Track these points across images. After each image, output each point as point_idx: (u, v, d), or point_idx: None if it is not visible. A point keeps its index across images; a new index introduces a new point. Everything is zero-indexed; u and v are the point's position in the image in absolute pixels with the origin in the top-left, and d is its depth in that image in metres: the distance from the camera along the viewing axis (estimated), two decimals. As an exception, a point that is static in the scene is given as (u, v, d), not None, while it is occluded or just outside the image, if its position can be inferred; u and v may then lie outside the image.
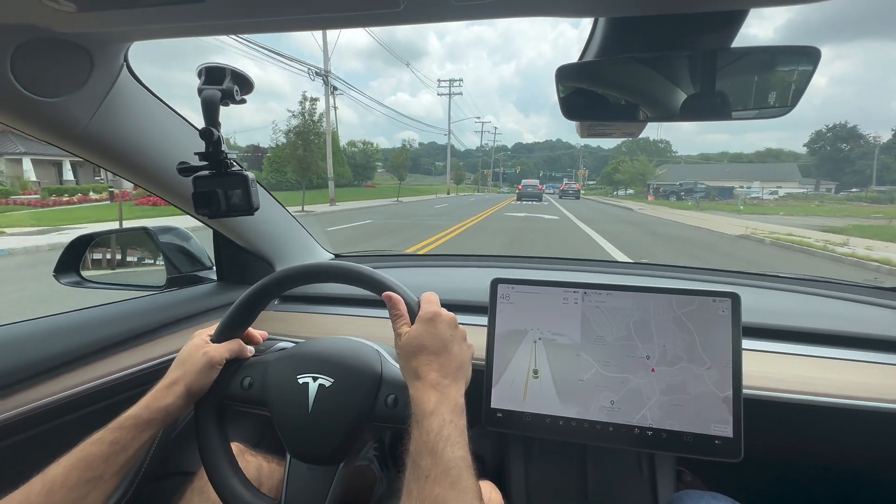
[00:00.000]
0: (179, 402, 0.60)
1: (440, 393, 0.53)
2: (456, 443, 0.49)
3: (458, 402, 0.54)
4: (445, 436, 0.49)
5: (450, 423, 0.50)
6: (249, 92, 0.64)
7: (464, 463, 0.48)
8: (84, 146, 0.71)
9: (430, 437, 0.49)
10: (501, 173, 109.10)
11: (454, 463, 0.47)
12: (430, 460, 0.47)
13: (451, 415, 0.51)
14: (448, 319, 0.59)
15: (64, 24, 0.54)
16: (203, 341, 0.66)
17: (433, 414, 0.51)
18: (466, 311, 0.96)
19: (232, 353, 0.67)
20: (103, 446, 0.53)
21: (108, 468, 0.53)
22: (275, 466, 0.79)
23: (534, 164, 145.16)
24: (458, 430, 0.50)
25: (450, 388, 0.54)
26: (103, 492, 0.53)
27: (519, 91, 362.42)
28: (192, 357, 0.63)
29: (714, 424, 0.69)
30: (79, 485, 0.50)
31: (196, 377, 0.62)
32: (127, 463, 0.55)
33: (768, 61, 0.58)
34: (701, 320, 0.71)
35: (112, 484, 0.54)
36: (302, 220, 1.25)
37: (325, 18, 0.53)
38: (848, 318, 0.93)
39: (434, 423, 0.50)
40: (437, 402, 0.52)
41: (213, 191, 0.65)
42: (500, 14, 0.51)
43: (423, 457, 0.48)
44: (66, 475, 0.50)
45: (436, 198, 34.58)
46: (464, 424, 0.52)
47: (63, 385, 0.74)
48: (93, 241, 1.07)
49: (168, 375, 0.62)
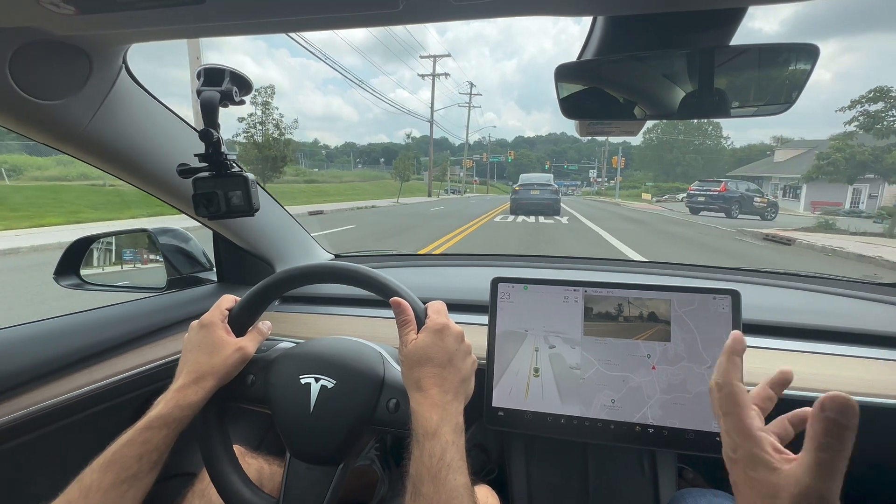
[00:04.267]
0: (207, 398, 0.60)
1: (442, 410, 0.53)
2: (458, 468, 0.49)
3: (459, 421, 0.54)
4: (448, 461, 0.49)
5: (452, 445, 0.50)
6: (248, 93, 0.64)
7: (466, 491, 0.48)
8: (83, 148, 0.71)
9: (432, 461, 0.49)
10: (485, 161, 67.80)
11: (457, 492, 0.47)
12: (433, 487, 0.47)
13: (453, 435, 0.51)
14: (455, 333, 0.59)
15: (63, 27, 0.54)
16: (225, 329, 0.64)
17: (435, 436, 0.50)
18: (467, 311, 0.96)
19: (258, 345, 0.67)
20: (135, 447, 0.53)
21: (142, 467, 0.53)
22: (275, 469, 0.79)
23: (536, 159, 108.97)
24: (459, 454, 0.50)
25: (451, 405, 0.54)
26: (140, 489, 0.53)
27: (520, 88, 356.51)
28: (223, 351, 0.62)
29: (715, 421, 0.69)
30: (115, 486, 0.50)
31: (228, 372, 0.61)
32: (159, 460, 0.55)
33: (767, 59, 0.58)
34: (701, 318, 0.71)
35: (147, 481, 0.54)
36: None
37: (323, 19, 0.53)
38: (848, 315, 0.93)
39: (437, 446, 0.50)
40: (438, 422, 0.51)
41: (213, 192, 0.65)
42: (499, 13, 0.51)
43: (425, 483, 0.48)
44: (101, 478, 0.50)
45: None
46: (463, 445, 0.52)
47: (65, 387, 0.74)
48: (93, 243, 1.07)
49: (192, 370, 0.60)
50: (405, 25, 0.58)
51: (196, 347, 0.62)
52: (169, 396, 0.58)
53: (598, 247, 7.67)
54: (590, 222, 12.13)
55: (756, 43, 0.53)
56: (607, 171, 59.99)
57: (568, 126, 0.75)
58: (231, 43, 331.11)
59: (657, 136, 64.69)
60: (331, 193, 25.27)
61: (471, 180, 67.94)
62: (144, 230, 1.12)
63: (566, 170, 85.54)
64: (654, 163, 65.45)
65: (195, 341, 0.63)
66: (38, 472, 0.72)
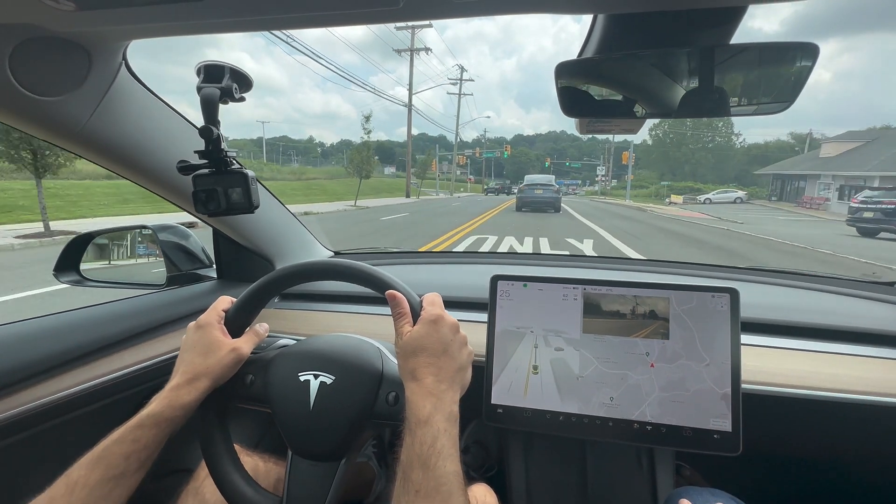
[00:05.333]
0: (201, 398, 0.60)
1: (436, 398, 0.53)
2: (449, 456, 0.49)
3: (453, 410, 0.54)
4: (438, 448, 0.49)
5: (444, 433, 0.50)
6: (248, 90, 0.63)
7: (456, 479, 0.48)
8: (83, 145, 0.71)
9: (423, 448, 0.49)
10: (478, 157, 56.72)
11: (446, 479, 0.47)
12: (422, 474, 0.47)
13: (446, 423, 0.51)
14: (450, 323, 0.59)
15: (63, 23, 0.54)
16: (221, 331, 0.64)
17: (427, 423, 0.50)
18: (467, 308, 0.96)
19: (254, 346, 0.67)
20: (124, 445, 0.53)
21: (129, 465, 0.53)
22: (271, 466, 0.79)
23: (535, 157, 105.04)
24: (451, 442, 0.50)
25: (445, 394, 0.54)
26: (126, 488, 0.53)
27: (520, 86, 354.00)
28: (218, 352, 0.61)
29: (713, 419, 0.69)
30: (101, 483, 0.50)
31: (223, 373, 0.61)
32: (148, 459, 0.55)
33: (767, 58, 0.58)
34: (700, 316, 0.71)
35: (134, 480, 0.54)
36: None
37: (323, 16, 0.53)
38: (846, 313, 0.93)
39: (428, 433, 0.50)
40: (431, 410, 0.52)
41: (213, 189, 0.65)
42: (499, 11, 0.51)
43: (415, 469, 0.48)
44: (88, 475, 0.50)
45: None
46: (457, 434, 0.52)
47: (64, 384, 0.74)
48: (92, 240, 1.07)
49: (187, 370, 0.60)
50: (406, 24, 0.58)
51: (191, 348, 0.62)
52: (162, 396, 0.58)
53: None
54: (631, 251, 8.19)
55: (756, 42, 0.54)
56: (614, 169, 54.85)
57: (568, 124, 0.75)
58: (229, 40, 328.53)
59: (663, 132, 60.75)
60: (276, 193, 23.47)
61: (465, 178, 64.58)
62: (144, 226, 1.12)
63: (568, 167, 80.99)
64: (660, 161, 61.64)
65: (191, 342, 0.63)
66: (37, 469, 0.72)
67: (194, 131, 0.82)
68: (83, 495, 0.49)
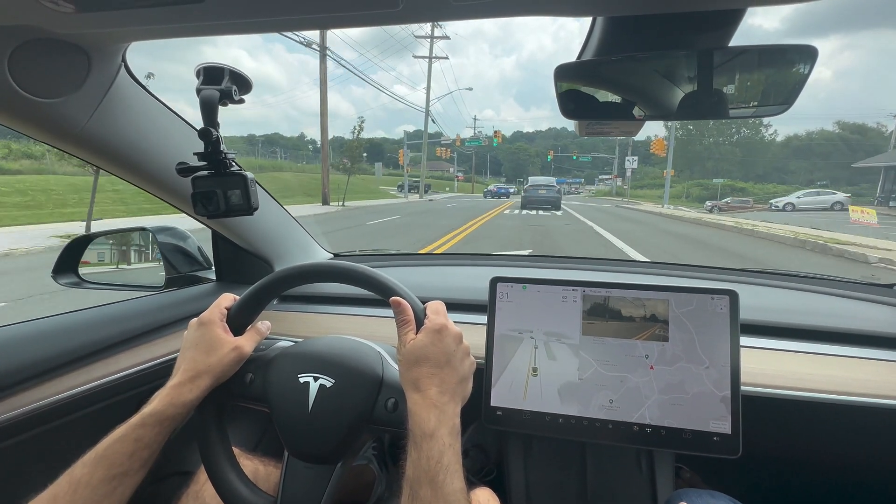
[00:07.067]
0: (203, 396, 0.59)
1: (439, 411, 0.53)
2: (455, 472, 0.49)
3: (455, 423, 0.54)
4: (445, 465, 0.49)
5: (449, 448, 0.51)
6: (248, 91, 0.63)
7: (462, 496, 0.49)
8: (82, 147, 0.71)
9: (430, 464, 0.49)
10: (458, 146, 41.47)
11: (454, 497, 0.48)
12: (431, 492, 0.48)
13: (451, 438, 0.52)
14: (454, 333, 0.59)
15: (62, 25, 0.54)
16: (223, 329, 0.64)
17: (433, 437, 0.51)
18: (466, 310, 0.96)
19: (256, 345, 0.66)
20: (127, 443, 0.53)
21: (132, 464, 0.53)
22: (271, 469, 0.79)
23: (535, 153, 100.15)
24: (456, 457, 0.51)
25: (448, 407, 0.54)
26: (129, 487, 0.53)
27: (519, 84, 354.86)
28: (220, 350, 0.61)
29: (712, 421, 0.69)
30: (104, 482, 0.50)
31: (224, 371, 0.61)
32: (150, 458, 0.55)
33: (766, 60, 0.58)
34: (699, 319, 0.71)
35: (137, 479, 0.54)
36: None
37: (323, 18, 0.53)
38: (845, 315, 0.93)
39: (434, 448, 0.50)
40: (436, 423, 0.52)
41: (213, 191, 0.65)
42: (498, 13, 0.51)
43: (423, 486, 0.48)
44: (91, 473, 0.50)
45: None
46: (459, 448, 0.53)
47: (63, 386, 0.74)
48: (91, 242, 1.07)
49: (188, 368, 0.59)
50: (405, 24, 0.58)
51: (193, 345, 0.62)
52: (164, 394, 0.57)
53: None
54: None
55: (755, 44, 0.54)
56: (636, 163, 37.69)
57: (569, 121, 0.75)
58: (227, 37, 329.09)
59: (681, 123, 50.00)
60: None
61: (453, 176, 56.35)
62: (143, 228, 1.12)
63: (575, 160, 71.62)
64: (676, 155, 43.65)
65: (193, 339, 0.63)
66: (36, 471, 0.72)
67: (193, 133, 0.82)
68: (86, 493, 0.49)
